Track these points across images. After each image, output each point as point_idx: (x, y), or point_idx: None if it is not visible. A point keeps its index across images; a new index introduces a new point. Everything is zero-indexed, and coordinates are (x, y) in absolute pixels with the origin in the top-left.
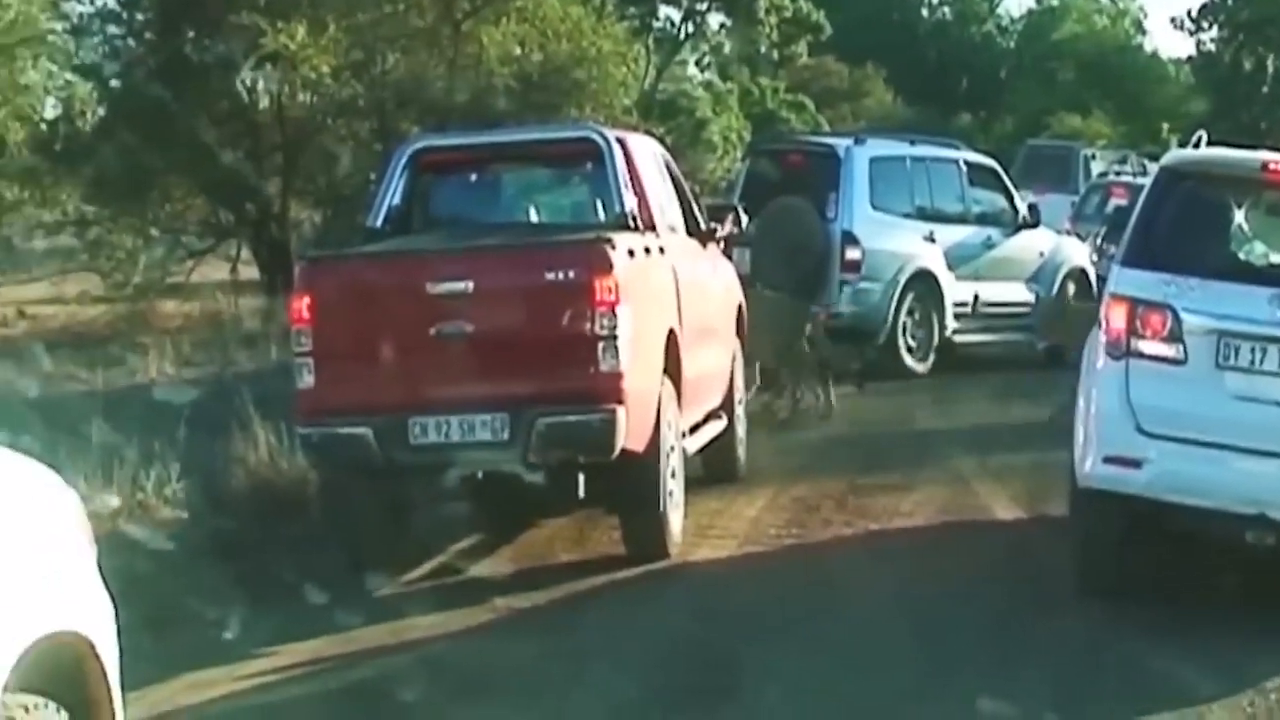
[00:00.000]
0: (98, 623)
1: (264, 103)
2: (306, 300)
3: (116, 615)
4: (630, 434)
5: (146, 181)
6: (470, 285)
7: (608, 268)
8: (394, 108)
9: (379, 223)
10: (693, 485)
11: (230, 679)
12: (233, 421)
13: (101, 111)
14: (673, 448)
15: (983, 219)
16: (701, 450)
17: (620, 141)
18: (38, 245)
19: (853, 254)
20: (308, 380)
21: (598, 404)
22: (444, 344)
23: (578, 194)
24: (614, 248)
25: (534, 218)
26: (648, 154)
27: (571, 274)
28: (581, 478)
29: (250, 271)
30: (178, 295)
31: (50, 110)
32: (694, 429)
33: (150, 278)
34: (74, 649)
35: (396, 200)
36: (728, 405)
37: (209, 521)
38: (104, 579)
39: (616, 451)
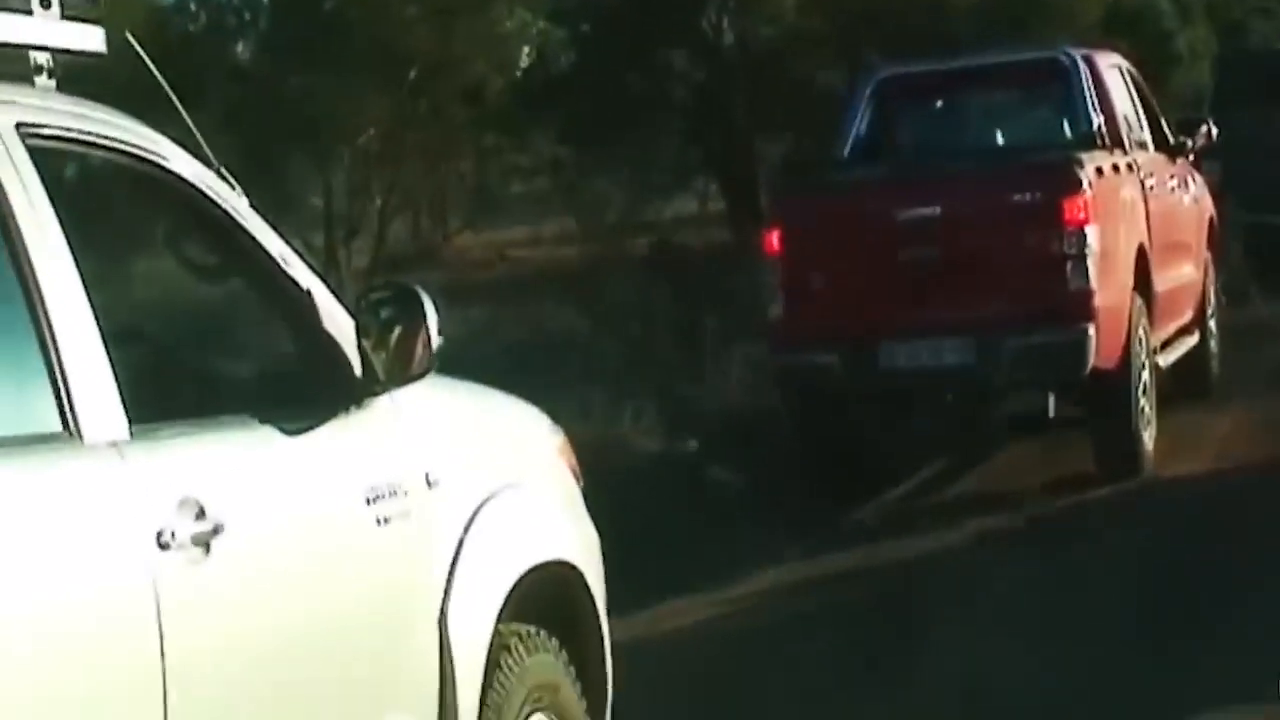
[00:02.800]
0: (585, 553)
1: (729, 38)
2: (778, 231)
3: (601, 546)
4: (1100, 352)
5: (617, 122)
6: (937, 211)
7: (1076, 187)
8: (856, 36)
9: (847, 152)
10: (1164, 401)
11: (707, 605)
12: (706, 354)
13: (573, 56)
14: (1144, 364)
15: None
16: (1173, 366)
17: (1087, 60)
18: (515, 190)
19: None
20: (778, 310)
21: (1068, 323)
22: (912, 270)
23: (1045, 115)
24: (1082, 167)
25: (1002, 141)
26: (1114, 71)
27: (1040, 195)
28: (1052, 398)
29: (719, 205)
30: (650, 233)
31: (525, 59)
32: (1165, 344)
33: (622, 217)
34: (564, 578)
35: (864, 129)
36: (1199, 319)
37: (684, 452)
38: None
39: (1087, 370)
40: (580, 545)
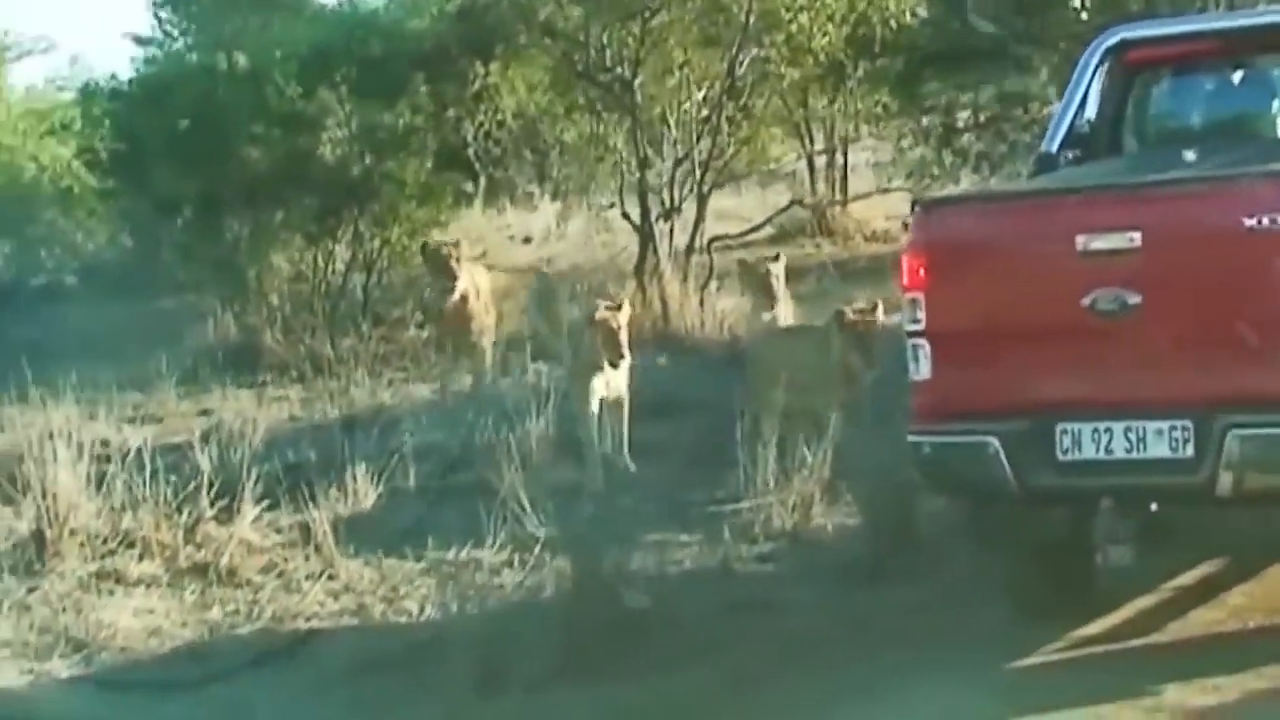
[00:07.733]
0: None
1: None
2: (922, 259)
3: None
4: None
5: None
6: (1137, 237)
7: None
8: None
9: (1055, 146)
10: None
11: None
12: None
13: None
14: None
15: None
16: None
17: None
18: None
19: None
20: (923, 369)
21: None
22: (1101, 320)
23: None
24: None
25: (1267, 137)
26: None
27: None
28: None
29: None
30: None
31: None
32: None
33: None
34: None
35: (1085, 115)
36: None
37: (860, 542)
38: None
39: None
40: None
